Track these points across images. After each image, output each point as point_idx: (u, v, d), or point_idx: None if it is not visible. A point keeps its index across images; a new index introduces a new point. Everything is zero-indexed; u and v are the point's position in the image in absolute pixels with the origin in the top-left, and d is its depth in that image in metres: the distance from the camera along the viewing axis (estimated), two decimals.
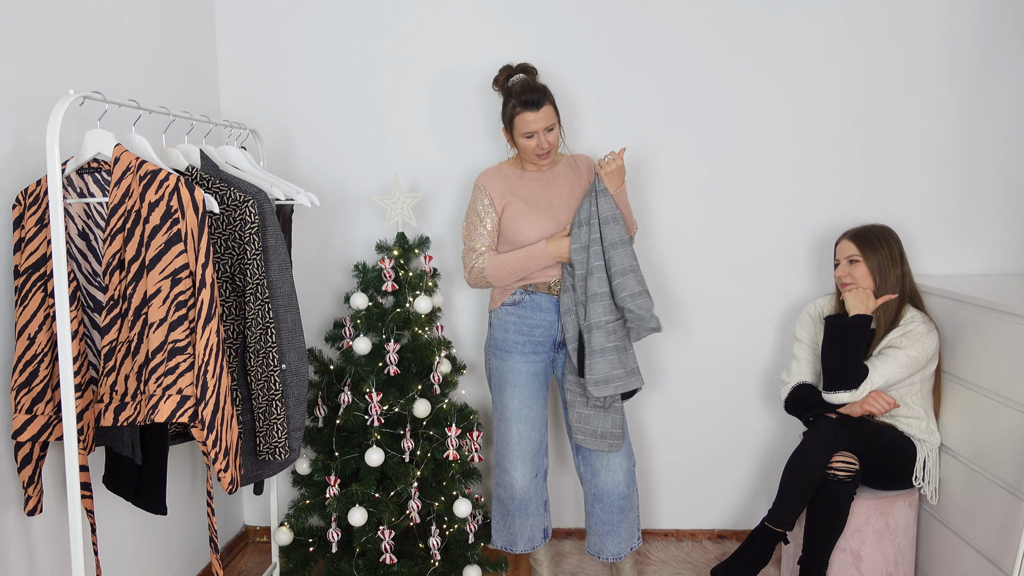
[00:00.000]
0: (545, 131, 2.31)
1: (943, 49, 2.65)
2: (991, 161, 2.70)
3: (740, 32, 2.69)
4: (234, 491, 1.77)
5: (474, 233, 2.41)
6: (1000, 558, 2.07)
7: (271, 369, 1.96)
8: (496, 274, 2.36)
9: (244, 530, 3.04)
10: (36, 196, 1.71)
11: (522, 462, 2.41)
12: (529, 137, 2.32)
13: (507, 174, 2.43)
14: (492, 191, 2.39)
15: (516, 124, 2.32)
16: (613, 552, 2.47)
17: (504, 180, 2.41)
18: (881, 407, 2.30)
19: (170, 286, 1.65)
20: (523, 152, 2.38)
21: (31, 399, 1.71)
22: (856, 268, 2.40)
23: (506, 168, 2.46)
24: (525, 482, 2.41)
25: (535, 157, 2.36)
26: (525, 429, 2.41)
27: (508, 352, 2.42)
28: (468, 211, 2.43)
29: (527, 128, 2.30)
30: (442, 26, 2.76)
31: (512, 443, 2.41)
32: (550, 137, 2.32)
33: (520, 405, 2.40)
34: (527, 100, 2.27)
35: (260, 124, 2.81)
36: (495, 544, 2.53)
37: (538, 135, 2.31)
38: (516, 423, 2.40)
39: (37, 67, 1.85)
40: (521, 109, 2.28)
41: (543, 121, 2.29)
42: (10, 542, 1.76)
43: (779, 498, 2.31)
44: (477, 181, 2.42)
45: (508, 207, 2.38)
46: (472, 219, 2.41)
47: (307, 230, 2.87)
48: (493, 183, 2.40)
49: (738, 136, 2.74)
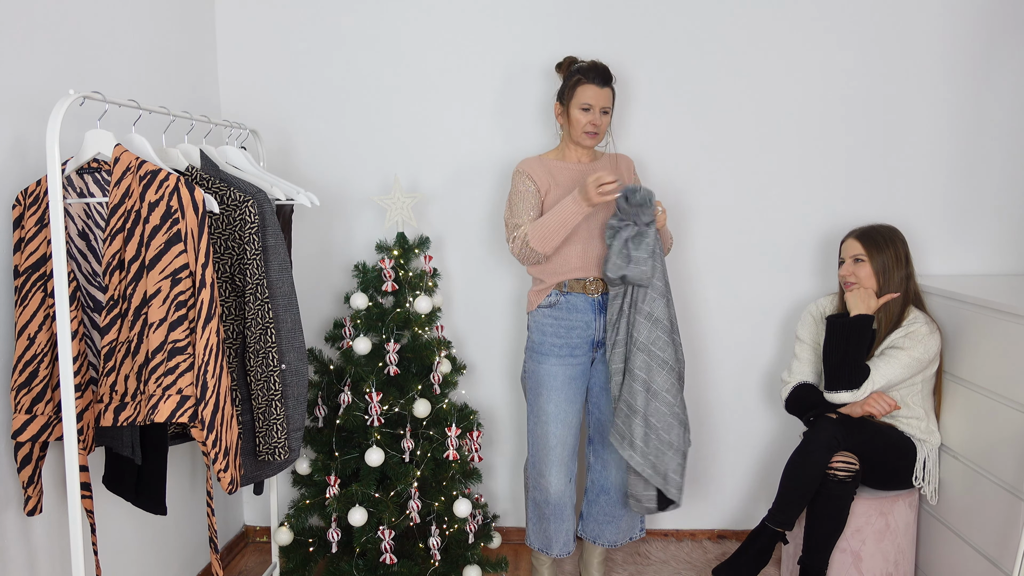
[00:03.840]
0: (601, 111, 2.31)
1: (943, 49, 2.65)
2: (991, 161, 2.70)
3: (746, 34, 2.69)
4: (234, 491, 1.77)
5: (517, 210, 2.36)
6: (1000, 558, 2.07)
7: (271, 369, 1.96)
8: (536, 236, 2.27)
9: (244, 530, 3.04)
10: (36, 196, 1.71)
11: (558, 466, 2.37)
12: (585, 110, 2.30)
13: (547, 163, 2.42)
14: (535, 175, 2.36)
15: (576, 93, 2.31)
16: (610, 539, 2.51)
17: (544, 168, 2.39)
18: (882, 408, 2.30)
19: (170, 286, 1.65)
20: (573, 126, 2.34)
21: (31, 399, 1.71)
22: (860, 268, 2.39)
23: (546, 158, 2.44)
24: (560, 486, 2.38)
25: (583, 135, 2.33)
26: (562, 433, 2.37)
27: (545, 355, 2.38)
28: (511, 196, 2.39)
29: (586, 99, 2.29)
30: (442, 26, 2.75)
31: (550, 447, 2.37)
32: (604, 119, 2.33)
33: (557, 409, 2.36)
34: (596, 74, 2.29)
35: (260, 124, 2.81)
36: (531, 545, 2.52)
37: (594, 111, 2.30)
38: (554, 426, 2.36)
39: (37, 67, 1.85)
40: (587, 81, 2.29)
41: (603, 100, 2.30)
42: (10, 542, 1.76)
43: (779, 498, 2.31)
44: (518, 167, 2.40)
45: (550, 194, 2.36)
46: (515, 201, 2.37)
47: (307, 230, 2.87)
48: (534, 168, 2.38)
49: (740, 136, 2.74)
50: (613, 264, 2.22)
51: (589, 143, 2.35)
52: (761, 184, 2.76)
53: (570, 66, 2.39)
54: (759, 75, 2.71)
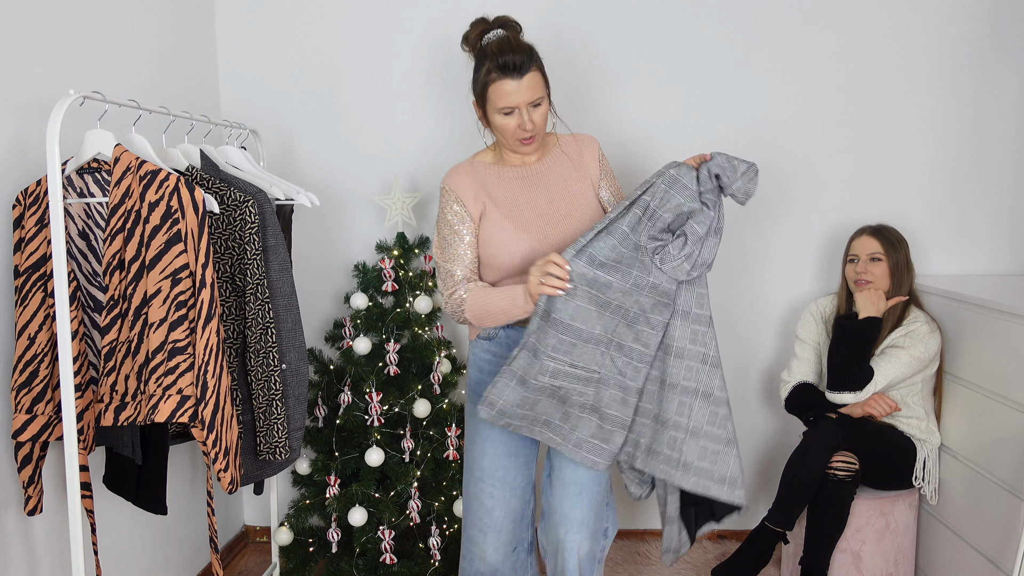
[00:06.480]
0: (530, 107, 1.73)
1: (943, 49, 2.65)
2: (991, 161, 2.70)
3: (745, 36, 2.69)
4: (234, 491, 1.77)
5: (449, 252, 1.82)
6: (1000, 558, 2.07)
7: (271, 369, 1.96)
8: (475, 315, 1.79)
9: (244, 530, 3.04)
10: (36, 196, 1.71)
11: (494, 533, 1.86)
12: (508, 114, 1.74)
13: (480, 171, 1.86)
14: (464, 196, 1.81)
15: (490, 96, 1.73)
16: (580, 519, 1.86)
17: (477, 180, 1.84)
18: (882, 410, 2.30)
19: (170, 286, 1.65)
20: (500, 135, 1.80)
21: (31, 399, 1.71)
22: (877, 266, 2.38)
23: (479, 163, 1.88)
24: (497, 557, 1.87)
25: (516, 143, 1.79)
26: (502, 495, 1.86)
27: None
28: (438, 224, 1.87)
29: (505, 101, 1.72)
30: (443, 25, 2.75)
31: (485, 509, 1.86)
32: (536, 115, 1.74)
33: (492, 464, 1.85)
34: (506, 63, 1.70)
35: (260, 124, 2.81)
36: None
37: (520, 112, 1.73)
38: (490, 486, 1.86)
39: (37, 67, 1.85)
40: (498, 75, 1.71)
41: (526, 93, 1.71)
42: (10, 542, 1.76)
43: (779, 498, 2.31)
44: (444, 182, 1.84)
45: (487, 217, 1.81)
46: (444, 234, 1.83)
47: (307, 230, 2.87)
48: (463, 185, 1.83)
49: (739, 137, 2.74)
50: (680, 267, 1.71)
51: (527, 150, 1.82)
52: (761, 184, 2.76)
53: (479, 39, 1.80)
54: (759, 75, 2.71)
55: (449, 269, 1.83)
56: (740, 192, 1.70)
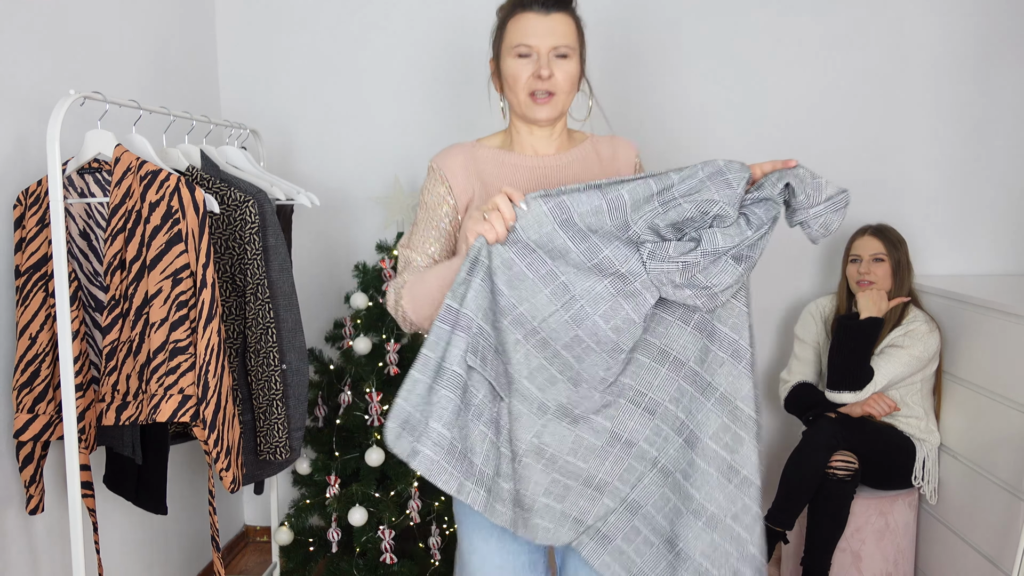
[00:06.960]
0: (553, 54, 1.34)
1: (943, 49, 2.66)
2: (991, 161, 2.70)
3: (746, 34, 2.69)
4: (236, 490, 1.77)
5: (416, 238, 1.44)
6: (1000, 558, 2.07)
7: (272, 369, 1.96)
8: (412, 297, 1.37)
9: (244, 530, 3.04)
10: (37, 196, 1.71)
11: None
12: (523, 56, 1.35)
13: (479, 154, 1.44)
14: (451, 175, 1.41)
15: (507, 33, 1.37)
16: None
17: (474, 163, 1.43)
18: (881, 410, 2.30)
19: (171, 286, 1.65)
20: (511, 91, 1.39)
21: (33, 399, 1.71)
22: (880, 267, 2.38)
23: (482, 146, 1.46)
24: None
25: (529, 101, 1.37)
26: None
27: None
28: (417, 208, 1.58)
29: (522, 38, 1.34)
30: (443, 25, 2.76)
31: None
32: (560, 69, 1.35)
33: (483, 562, 1.40)
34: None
35: (260, 124, 2.81)
36: None
37: (539, 56, 1.34)
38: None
39: (37, 67, 1.85)
40: (521, 9, 1.35)
41: (550, 37, 1.33)
42: (12, 541, 1.77)
43: (779, 497, 2.32)
44: (431, 160, 1.44)
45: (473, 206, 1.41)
46: (419, 217, 1.46)
47: (307, 230, 2.87)
48: (453, 164, 1.42)
49: (739, 136, 2.74)
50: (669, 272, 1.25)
51: (540, 114, 1.37)
52: None
53: None
54: (758, 75, 2.71)
55: (408, 257, 1.43)
56: (816, 221, 1.29)
